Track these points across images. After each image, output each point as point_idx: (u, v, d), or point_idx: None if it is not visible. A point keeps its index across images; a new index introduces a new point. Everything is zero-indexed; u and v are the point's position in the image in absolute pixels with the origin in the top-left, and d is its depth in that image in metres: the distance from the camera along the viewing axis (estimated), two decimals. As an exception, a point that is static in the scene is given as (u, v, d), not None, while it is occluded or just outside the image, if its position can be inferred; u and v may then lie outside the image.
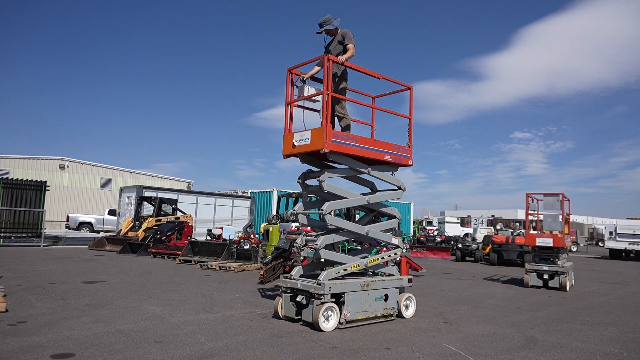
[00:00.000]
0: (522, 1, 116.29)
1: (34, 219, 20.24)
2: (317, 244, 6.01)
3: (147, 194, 21.34)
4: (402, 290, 6.85)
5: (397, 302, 6.69)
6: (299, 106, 6.78)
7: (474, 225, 36.31)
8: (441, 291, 9.91)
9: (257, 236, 17.67)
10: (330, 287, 5.79)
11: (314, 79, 6.93)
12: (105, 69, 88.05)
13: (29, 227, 20.08)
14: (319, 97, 6.50)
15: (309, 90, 6.62)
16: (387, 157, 6.61)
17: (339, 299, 5.96)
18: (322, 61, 6.30)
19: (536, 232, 11.98)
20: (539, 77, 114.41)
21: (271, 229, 14.14)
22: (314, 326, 5.72)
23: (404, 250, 7.27)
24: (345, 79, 6.76)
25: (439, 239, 21.66)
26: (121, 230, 18.97)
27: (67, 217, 28.03)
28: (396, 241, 7.05)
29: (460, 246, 19.86)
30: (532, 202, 11.85)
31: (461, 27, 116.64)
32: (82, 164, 35.50)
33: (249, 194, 27.33)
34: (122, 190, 24.17)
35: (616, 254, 24.93)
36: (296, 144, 6.21)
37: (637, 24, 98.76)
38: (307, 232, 7.56)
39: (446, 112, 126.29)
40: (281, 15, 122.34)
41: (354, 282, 6.15)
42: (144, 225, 17.81)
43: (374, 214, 7.19)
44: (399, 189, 7.04)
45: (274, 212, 18.38)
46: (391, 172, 6.94)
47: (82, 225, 27.51)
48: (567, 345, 5.53)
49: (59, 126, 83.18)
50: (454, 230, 34.36)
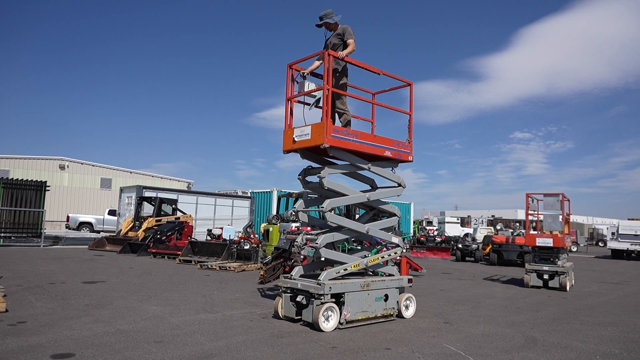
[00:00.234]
0: (522, 1, 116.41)
1: (34, 219, 20.23)
2: (317, 243, 6.00)
3: (147, 194, 21.35)
4: (402, 290, 6.84)
5: (397, 302, 6.69)
6: (299, 102, 6.78)
7: (474, 225, 36.34)
8: (441, 291, 9.91)
9: (257, 236, 17.66)
10: (330, 287, 5.78)
11: (314, 74, 6.91)
12: (105, 69, 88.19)
13: (29, 227, 20.07)
14: (318, 93, 6.50)
15: (309, 85, 6.62)
16: (387, 153, 6.60)
17: (339, 299, 5.95)
18: (322, 56, 6.29)
19: (536, 232, 11.99)
20: (539, 77, 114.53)
21: (271, 229, 14.13)
22: (314, 326, 5.72)
23: (404, 250, 7.25)
24: (345, 75, 6.75)
25: (439, 239, 21.69)
26: (121, 230, 18.98)
27: (67, 217, 28.03)
28: (396, 240, 7.04)
29: (460, 246, 19.86)
30: (532, 202, 11.85)
31: (461, 27, 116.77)
32: (82, 164, 35.50)
33: (249, 194, 27.34)
34: (122, 190, 24.19)
35: (618, 255, 25.14)
36: (296, 140, 6.19)
37: (637, 24, 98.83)
38: (307, 232, 7.56)
39: (446, 112, 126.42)
40: (281, 15, 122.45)
41: (354, 282, 6.14)
42: (144, 225, 17.81)
43: (374, 212, 7.18)
44: (399, 185, 7.02)
45: (274, 212, 18.37)
46: (391, 168, 6.94)
47: (82, 225, 27.51)
48: (567, 345, 5.53)
49: (59, 126, 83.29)
50: (454, 230, 34.36)
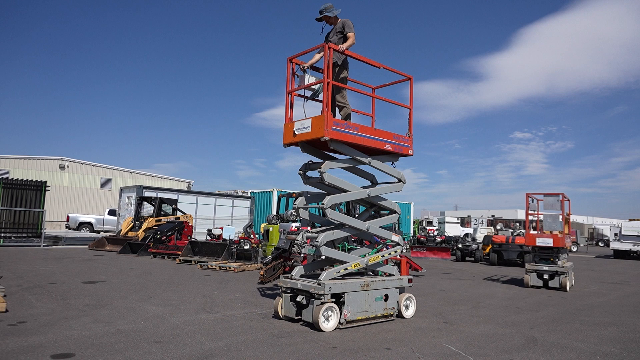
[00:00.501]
0: (522, 1, 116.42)
1: (34, 219, 20.22)
2: (317, 241, 5.99)
3: (147, 194, 21.35)
4: (402, 290, 6.84)
5: (397, 302, 6.69)
6: (299, 95, 6.77)
7: (474, 225, 36.32)
8: (441, 291, 9.91)
9: (257, 236, 17.66)
10: (330, 287, 5.78)
11: (314, 68, 6.91)
12: (105, 69, 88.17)
13: (29, 227, 20.07)
14: (317, 86, 6.49)
15: (310, 79, 6.62)
16: (388, 147, 6.59)
17: (339, 299, 5.95)
18: (323, 49, 6.29)
19: (536, 232, 11.98)
20: (538, 77, 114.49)
21: (271, 229, 14.13)
22: (314, 326, 5.72)
23: (404, 249, 7.25)
24: (346, 68, 6.76)
25: (439, 239, 21.67)
26: (121, 230, 18.98)
27: (67, 217, 28.03)
28: (396, 238, 7.03)
29: (460, 246, 19.86)
30: (532, 202, 11.85)
31: (461, 27, 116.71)
32: (82, 164, 35.51)
33: (249, 194, 27.34)
34: (122, 190, 24.19)
35: (621, 255, 25.56)
36: (297, 133, 6.18)
37: (637, 24, 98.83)
38: (307, 230, 7.56)
39: (446, 112, 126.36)
40: (281, 15, 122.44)
41: (354, 282, 6.14)
42: (144, 225, 17.82)
43: (374, 209, 7.17)
44: (399, 181, 7.01)
45: (274, 212, 18.37)
46: (391, 163, 6.94)
47: (82, 225, 27.52)
48: (567, 345, 5.53)
49: (59, 126, 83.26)
50: (454, 230, 34.38)
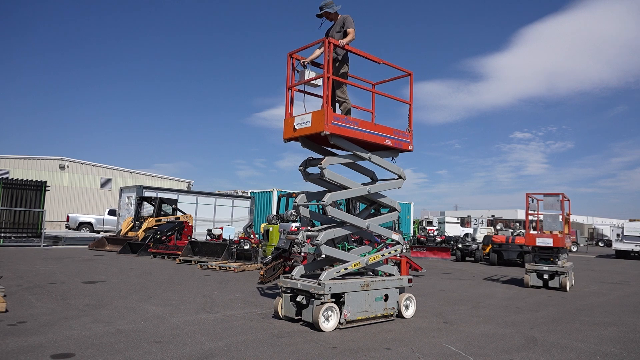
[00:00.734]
0: (522, 1, 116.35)
1: (34, 219, 20.22)
2: (318, 240, 5.98)
3: (147, 194, 21.35)
4: (402, 290, 6.84)
5: (397, 302, 6.69)
6: (299, 91, 6.77)
7: (474, 225, 36.33)
8: (441, 291, 9.91)
9: (257, 236, 17.66)
10: (330, 287, 5.78)
11: (314, 64, 6.91)
12: (105, 69, 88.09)
13: (29, 227, 20.07)
14: (319, 82, 6.49)
15: (310, 74, 6.62)
16: (388, 142, 6.59)
17: (339, 299, 5.95)
18: (323, 44, 6.30)
19: (536, 232, 11.98)
20: (538, 77, 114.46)
21: (271, 229, 14.13)
22: (314, 326, 5.72)
23: (405, 249, 7.24)
24: (346, 64, 6.77)
25: (439, 239, 21.68)
26: (121, 230, 18.98)
27: (67, 217, 28.03)
28: (396, 237, 7.03)
29: (460, 246, 19.87)
30: (532, 202, 11.85)
31: (461, 27, 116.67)
32: (82, 164, 35.49)
33: (249, 194, 27.34)
34: (122, 190, 24.19)
35: (623, 256, 25.99)
36: (297, 127, 6.18)
37: (637, 24, 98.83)
38: (308, 229, 7.55)
39: (446, 112, 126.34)
40: (281, 15, 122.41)
41: (354, 282, 6.14)
42: (144, 225, 17.81)
43: (374, 207, 7.16)
44: (399, 177, 7.00)
45: (274, 212, 18.37)
46: (392, 159, 6.93)
47: (82, 225, 27.51)
48: (567, 345, 5.53)
49: (59, 126, 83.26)
50: (454, 230, 34.37)
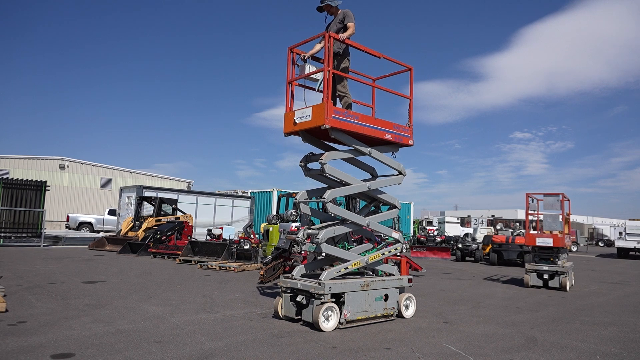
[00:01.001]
0: (522, 1, 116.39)
1: (34, 219, 20.22)
2: (318, 238, 5.97)
3: (147, 194, 21.34)
4: (402, 290, 6.84)
5: (397, 302, 6.69)
6: (300, 85, 6.76)
7: (474, 225, 36.31)
8: (441, 291, 9.91)
9: (257, 236, 17.66)
10: (330, 287, 5.78)
11: (314, 58, 6.90)
12: (105, 69, 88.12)
13: (29, 227, 20.07)
14: (319, 77, 6.48)
15: (310, 69, 6.61)
16: (388, 136, 6.58)
17: (339, 298, 5.95)
18: (323, 38, 6.29)
19: (536, 232, 11.98)
20: (538, 78, 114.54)
21: (271, 229, 14.12)
22: (314, 326, 5.72)
23: (405, 248, 7.24)
24: (347, 58, 6.77)
25: (439, 239, 21.67)
26: (121, 230, 18.98)
27: (67, 217, 28.04)
28: (396, 235, 7.02)
29: (460, 246, 19.85)
30: (532, 202, 11.84)
31: (461, 27, 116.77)
32: (82, 164, 35.50)
33: (249, 194, 27.33)
34: (122, 190, 24.18)
35: (625, 253, 26.68)
36: (297, 121, 6.17)
37: (637, 24, 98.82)
38: (308, 227, 7.55)
39: (446, 112, 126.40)
40: (281, 15, 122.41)
41: (354, 282, 6.14)
42: (144, 225, 17.81)
43: (374, 204, 7.15)
44: (400, 173, 6.99)
45: (274, 212, 18.36)
46: (392, 154, 6.92)
47: (82, 225, 27.51)
48: (567, 345, 5.53)
49: (59, 126, 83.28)
50: (454, 230, 34.37)
